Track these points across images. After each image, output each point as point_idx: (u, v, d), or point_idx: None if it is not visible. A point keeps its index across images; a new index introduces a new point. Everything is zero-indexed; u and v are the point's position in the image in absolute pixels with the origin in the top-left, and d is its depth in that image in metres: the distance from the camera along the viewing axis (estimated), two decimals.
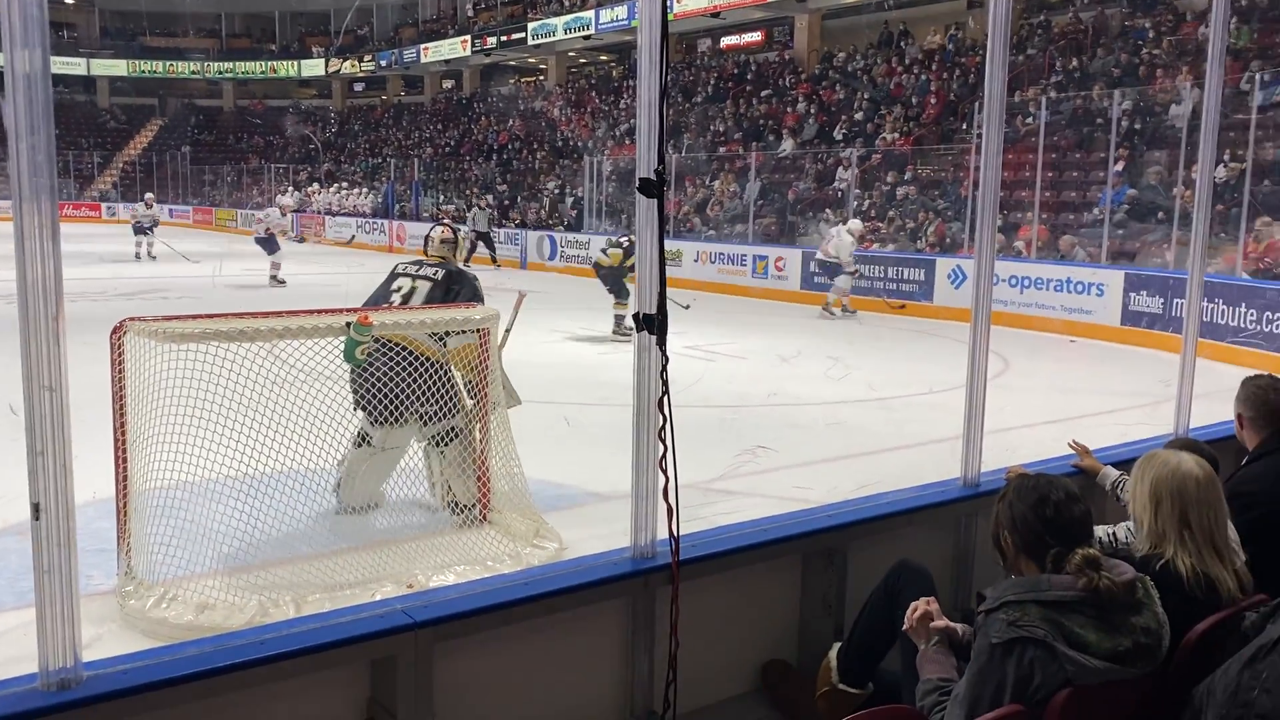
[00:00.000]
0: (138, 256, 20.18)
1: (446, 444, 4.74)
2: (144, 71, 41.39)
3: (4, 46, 1.48)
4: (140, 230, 20.55)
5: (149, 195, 22.47)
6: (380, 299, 5.09)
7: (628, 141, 23.88)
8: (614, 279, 11.11)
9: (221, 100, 44.27)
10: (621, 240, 11.31)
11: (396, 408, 4.48)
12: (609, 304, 11.39)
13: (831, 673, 2.48)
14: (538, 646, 2.24)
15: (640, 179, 2.16)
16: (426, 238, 5.55)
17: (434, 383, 4.52)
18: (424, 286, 5.16)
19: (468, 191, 26.23)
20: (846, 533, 2.69)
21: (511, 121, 30.34)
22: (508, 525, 4.63)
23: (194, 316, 4.46)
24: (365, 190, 29.95)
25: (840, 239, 13.10)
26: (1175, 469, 2.31)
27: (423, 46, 35.21)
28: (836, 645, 2.55)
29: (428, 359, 4.52)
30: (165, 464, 4.05)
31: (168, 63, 41.99)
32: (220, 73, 42.64)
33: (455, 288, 5.16)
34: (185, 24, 42.90)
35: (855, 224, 13.70)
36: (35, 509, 1.57)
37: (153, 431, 4.08)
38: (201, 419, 4.04)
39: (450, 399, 4.66)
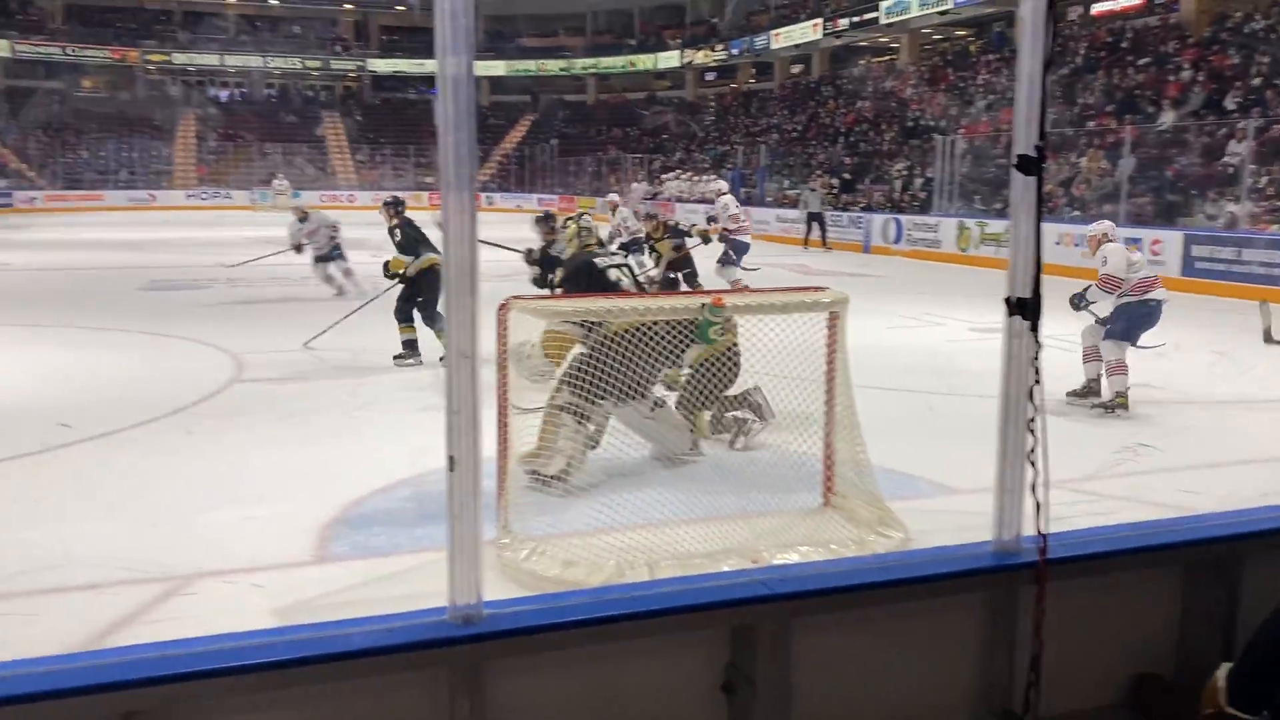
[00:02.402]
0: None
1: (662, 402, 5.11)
2: (519, 71, 44.96)
3: (437, 53, 1.68)
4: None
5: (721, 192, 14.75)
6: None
7: (984, 119, 22.74)
8: None
9: (586, 95, 47.18)
10: None
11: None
12: (948, 290, 10.91)
13: (1219, 694, 2.25)
14: (893, 632, 2.22)
15: (1019, 156, 2.06)
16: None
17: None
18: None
19: (810, 176, 26.18)
20: (1242, 545, 2.42)
21: (860, 103, 29.87)
22: (851, 511, 4.60)
23: (568, 296, 4.86)
24: (712, 178, 30.74)
25: None
26: None
27: (773, 32, 35.49)
28: (1226, 666, 2.31)
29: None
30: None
31: (540, 61, 45.36)
32: (585, 69, 45.42)
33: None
34: (556, 24, 46.10)
35: None
36: (450, 461, 1.77)
37: (530, 401, 4.50)
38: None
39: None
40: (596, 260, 5.76)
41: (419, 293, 7.92)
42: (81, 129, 40.70)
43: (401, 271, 7.93)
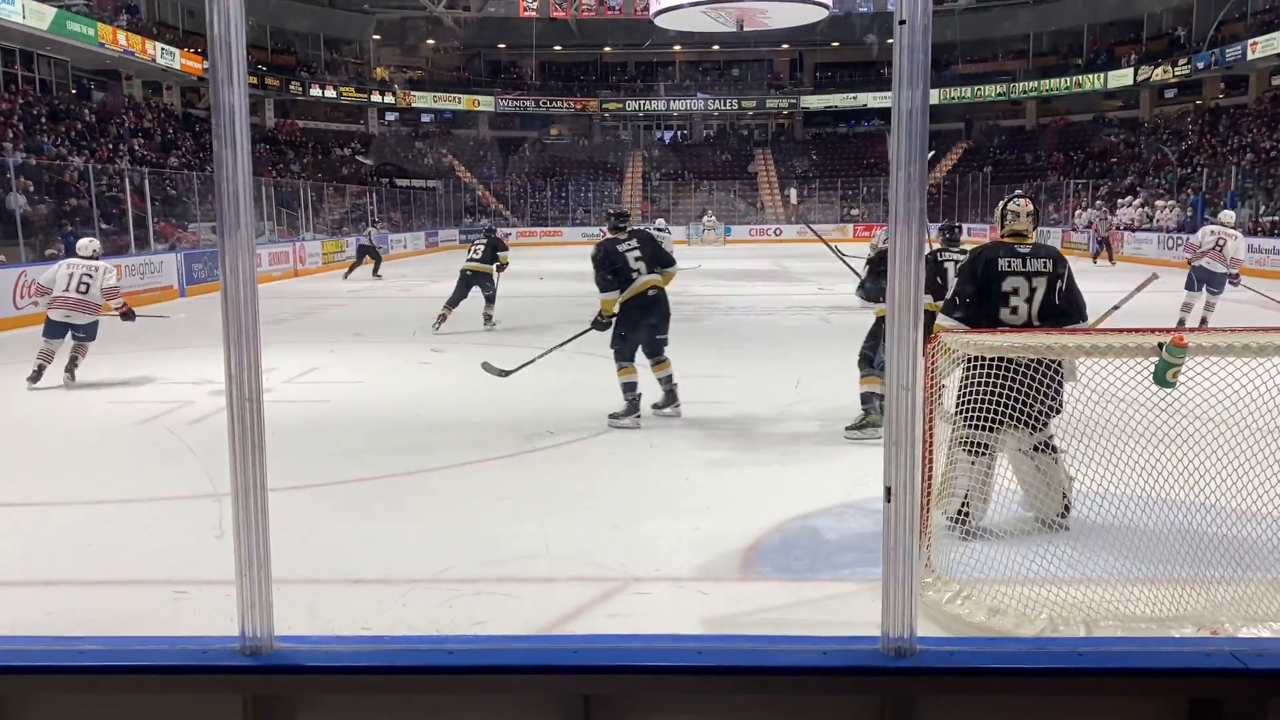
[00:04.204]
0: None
1: (1053, 450, 4.45)
2: (953, 98, 43.80)
3: (893, 88, 1.71)
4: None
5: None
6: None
7: None
8: None
9: (1024, 120, 44.94)
10: None
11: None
12: None
13: None
14: None
15: None
16: None
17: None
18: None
19: None
20: None
21: None
22: None
23: (1006, 330, 4.65)
24: (1170, 204, 27.87)
25: None
26: None
27: (1250, 42, 31.55)
28: None
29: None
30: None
31: (975, 87, 43.92)
32: (1025, 92, 43.28)
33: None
34: (996, 48, 44.42)
35: None
36: (887, 492, 1.78)
37: (953, 436, 4.36)
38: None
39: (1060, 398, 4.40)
40: (1001, 260, 4.79)
41: None
42: (549, 172, 45.86)
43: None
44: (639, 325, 7.13)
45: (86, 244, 9.29)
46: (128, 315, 9.08)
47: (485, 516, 5.22)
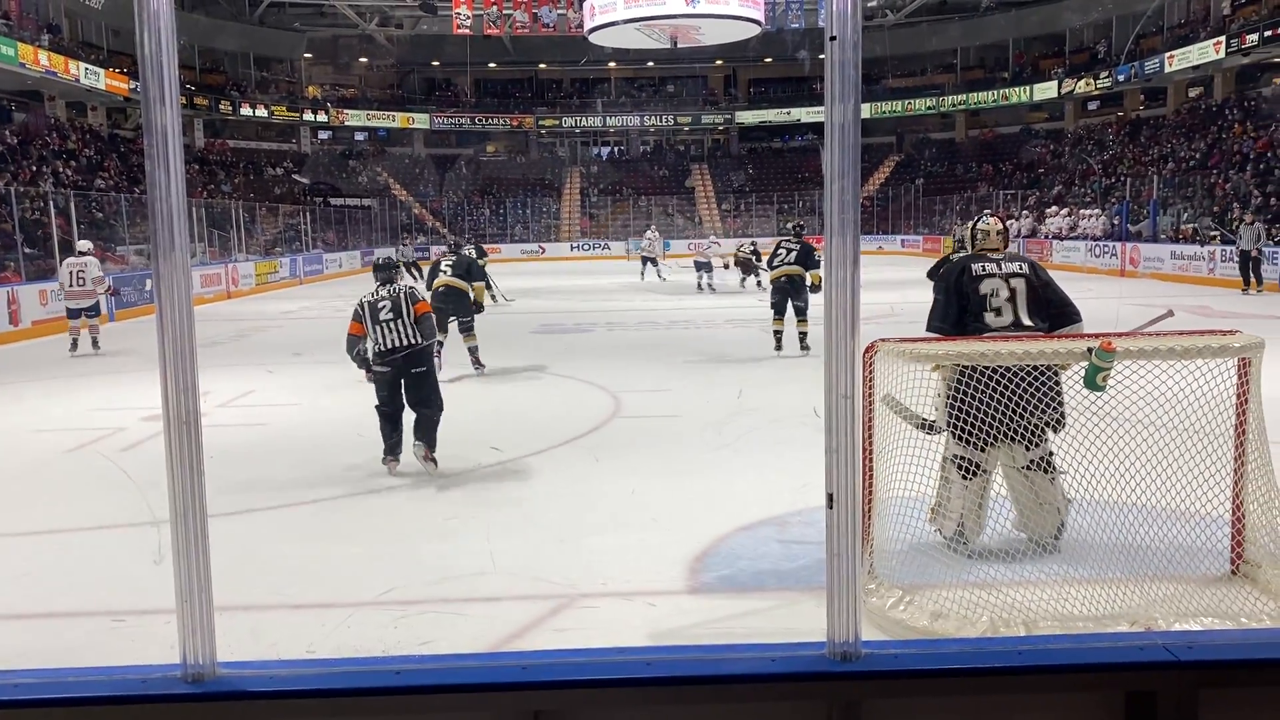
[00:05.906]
0: None
1: (1050, 468, 4.43)
2: (884, 112, 44.57)
3: (826, 102, 1.75)
4: None
5: None
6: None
7: None
8: None
9: (954, 132, 45.85)
10: None
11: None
12: None
13: None
14: None
15: None
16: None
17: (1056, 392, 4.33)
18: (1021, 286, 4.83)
19: (1215, 208, 23.61)
20: None
21: (1274, 126, 26.60)
22: (1267, 582, 4.09)
23: (938, 339, 4.71)
24: (1096, 213, 28.62)
25: None
26: None
27: (1167, 55, 32.60)
28: None
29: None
30: (906, 476, 4.35)
31: (906, 101, 44.74)
32: (954, 105, 44.19)
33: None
34: (925, 62, 45.30)
35: None
36: (829, 499, 1.81)
37: (895, 445, 4.41)
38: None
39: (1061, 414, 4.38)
40: (974, 265, 4.79)
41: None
42: (485, 189, 45.68)
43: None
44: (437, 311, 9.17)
45: (80, 244, 13.24)
46: (115, 292, 13.67)
47: (430, 536, 5.17)
